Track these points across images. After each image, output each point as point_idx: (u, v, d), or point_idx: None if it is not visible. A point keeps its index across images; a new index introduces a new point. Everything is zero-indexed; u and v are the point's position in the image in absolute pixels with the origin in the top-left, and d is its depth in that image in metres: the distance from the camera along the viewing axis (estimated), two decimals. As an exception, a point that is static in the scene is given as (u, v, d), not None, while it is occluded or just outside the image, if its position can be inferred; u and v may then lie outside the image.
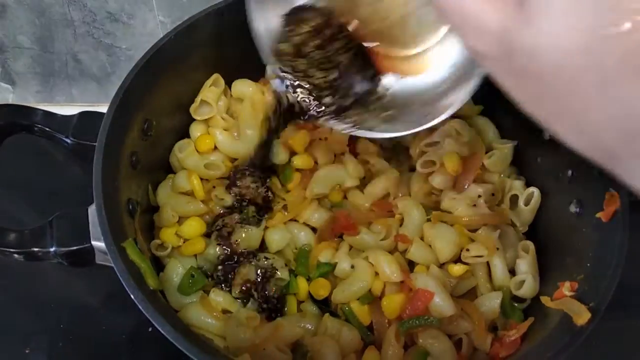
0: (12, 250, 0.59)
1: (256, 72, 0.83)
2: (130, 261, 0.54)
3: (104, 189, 0.56)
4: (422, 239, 0.73)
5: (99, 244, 0.56)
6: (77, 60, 1.01)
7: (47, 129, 0.64)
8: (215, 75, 0.78)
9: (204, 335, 0.61)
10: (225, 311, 0.66)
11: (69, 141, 0.64)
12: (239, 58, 0.80)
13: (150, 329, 0.71)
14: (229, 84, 0.80)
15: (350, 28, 0.60)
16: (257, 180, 0.75)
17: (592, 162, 0.33)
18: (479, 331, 0.65)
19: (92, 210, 0.58)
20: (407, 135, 0.60)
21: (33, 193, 0.90)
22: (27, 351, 0.78)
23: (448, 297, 0.66)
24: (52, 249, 0.57)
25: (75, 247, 0.57)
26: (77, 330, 0.80)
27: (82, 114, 0.66)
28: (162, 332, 0.49)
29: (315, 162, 0.78)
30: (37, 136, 0.65)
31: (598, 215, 0.62)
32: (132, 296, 0.50)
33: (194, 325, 0.63)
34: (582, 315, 0.55)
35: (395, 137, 0.65)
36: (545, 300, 0.62)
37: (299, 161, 0.78)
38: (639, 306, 0.86)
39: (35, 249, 0.58)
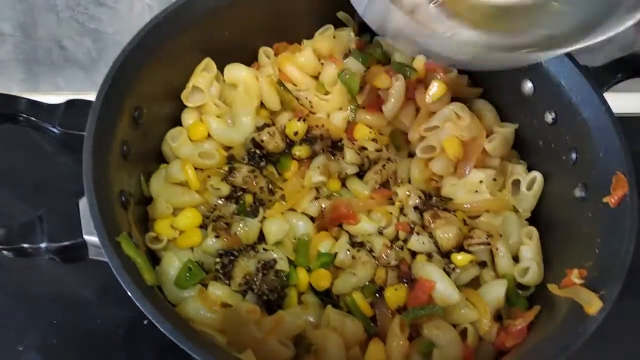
0: (0, 246, 0.56)
1: (249, 56, 0.81)
2: (126, 256, 0.52)
3: (95, 180, 0.54)
4: (423, 227, 0.72)
5: (92, 238, 0.54)
6: (62, 46, 0.98)
7: (33, 118, 0.61)
8: (207, 60, 0.75)
9: (204, 331, 0.59)
10: (224, 305, 0.64)
11: (56, 131, 0.62)
12: (231, 41, 0.77)
13: (145, 322, 0.69)
14: (221, 68, 0.77)
15: None
16: (254, 169, 0.73)
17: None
18: (484, 320, 0.63)
19: (83, 203, 0.55)
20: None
21: (21, 186, 0.87)
22: (20, 348, 0.76)
23: (451, 284, 0.64)
24: (42, 245, 0.55)
25: (67, 243, 0.55)
26: (71, 326, 0.78)
27: (69, 103, 0.63)
28: (162, 330, 0.47)
29: (313, 151, 0.76)
30: (23, 126, 0.62)
31: (605, 199, 0.61)
32: (129, 293, 0.48)
33: (192, 320, 0.61)
34: (592, 304, 0.53)
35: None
36: (552, 288, 0.61)
37: (298, 150, 0.75)
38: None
39: (26, 245, 0.55)
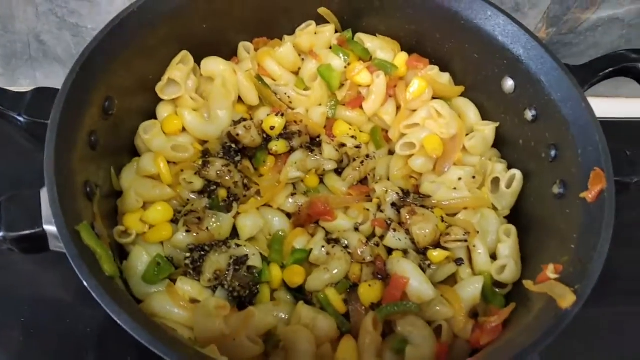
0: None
1: (228, 51, 0.80)
2: (85, 246, 0.50)
3: (57, 168, 0.52)
4: (400, 223, 0.70)
5: (51, 228, 0.52)
6: (41, 41, 0.96)
7: (-3, 105, 0.60)
8: (183, 52, 0.74)
9: (166, 325, 0.57)
10: (193, 301, 0.62)
11: (22, 119, 0.60)
12: (210, 35, 0.76)
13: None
14: (198, 61, 0.76)
15: None
16: (229, 163, 0.71)
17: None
18: (459, 317, 0.62)
19: (44, 192, 0.53)
20: None
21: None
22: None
23: (426, 281, 0.63)
24: (0, 234, 0.53)
25: (26, 232, 0.53)
26: (39, 324, 0.76)
27: (37, 90, 0.61)
28: (119, 321, 0.45)
29: (291, 147, 0.75)
30: (-13, 114, 0.61)
31: (582, 195, 0.60)
32: (85, 283, 0.46)
33: (158, 316, 0.59)
34: (566, 298, 0.52)
35: None
36: (528, 284, 0.60)
37: (275, 145, 0.74)
38: (623, 293, 0.84)
39: (-20, 235, 0.53)
